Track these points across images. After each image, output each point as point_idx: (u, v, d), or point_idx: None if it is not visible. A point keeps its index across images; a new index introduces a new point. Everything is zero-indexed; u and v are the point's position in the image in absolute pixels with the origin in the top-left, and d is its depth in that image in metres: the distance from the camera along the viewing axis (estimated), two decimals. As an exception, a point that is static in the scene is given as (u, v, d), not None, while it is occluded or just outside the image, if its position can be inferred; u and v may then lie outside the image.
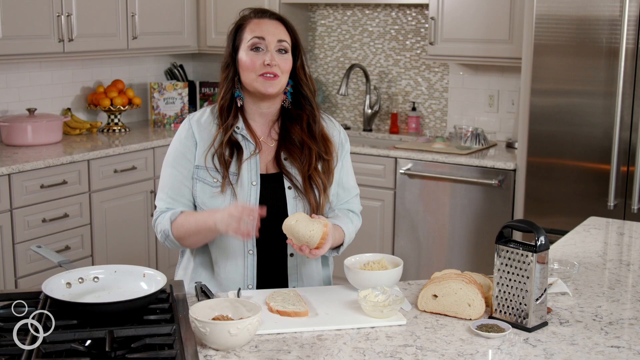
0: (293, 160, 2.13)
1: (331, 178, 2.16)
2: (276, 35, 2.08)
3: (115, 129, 4.58)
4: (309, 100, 2.16)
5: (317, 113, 2.17)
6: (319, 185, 2.12)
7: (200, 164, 2.10)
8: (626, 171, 3.48)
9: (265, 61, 2.05)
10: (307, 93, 2.15)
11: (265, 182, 2.11)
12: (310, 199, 2.10)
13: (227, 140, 2.09)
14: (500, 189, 3.90)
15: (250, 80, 2.08)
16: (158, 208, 2.14)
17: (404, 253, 4.17)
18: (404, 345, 1.66)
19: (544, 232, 1.75)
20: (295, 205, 2.11)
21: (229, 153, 2.09)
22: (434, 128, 4.74)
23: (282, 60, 2.07)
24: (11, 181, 3.55)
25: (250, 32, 2.08)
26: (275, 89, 2.08)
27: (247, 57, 2.07)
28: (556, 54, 3.57)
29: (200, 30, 4.96)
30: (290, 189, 2.11)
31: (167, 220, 2.08)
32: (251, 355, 1.60)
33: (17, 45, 3.85)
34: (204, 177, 2.09)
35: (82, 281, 1.81)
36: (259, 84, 2.06)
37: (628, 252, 2.46)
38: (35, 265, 3.67)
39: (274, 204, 2.10)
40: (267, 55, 2.05)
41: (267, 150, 2.15)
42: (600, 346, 1.66)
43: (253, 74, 2.06)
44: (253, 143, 2.12)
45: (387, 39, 4.83)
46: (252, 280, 2.12)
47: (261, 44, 2.06)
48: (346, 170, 2.25)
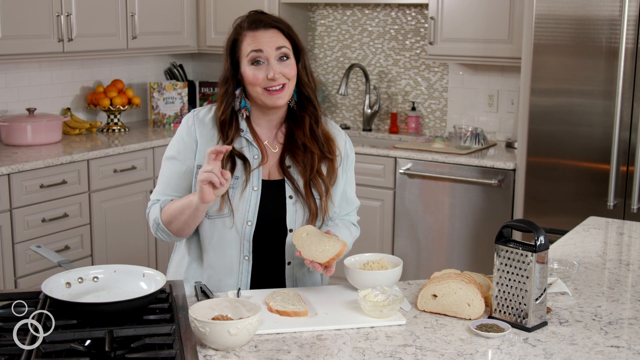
0: (297, 164, 2.11)
1: (334, 178, 2.15)
2: (274, 43, 2.03)
3: (115, 128, 4.58)
4: (311, 102, 2.14)
5: (319, 113, 2.15)
6: (320, 190, 2.10)
7: (201, 164, 2.08)
8: (626, 171, 3.48)
9: (269, 75, 2.02)
10: (310, 94, 2.13)
11: (267, 188, 2.09)
12: (311, 205, 2.09)
13: (228, 154, 2.05)
14: (500, 189, 3.90)
15: (256, 94, 2.06)
16: (151, 199, 2.13)
17: (403, 253, 4.17)
18: (404, 345, 1.66)
19: (543, 232, 1.75)
20: (295, 212, 2.09)
21: (230, 167, 2.05)
22: (434, 128, 4.74)
23: (286, 68, 2.04)
24: (11, 181, 3.55)
25: (248, 46, 2.04)
26: (284, 100, 2.06)
27: (250, 72, 2.04)
28: (556, 54, 3.57)
29: (200, 30, 4.96)
30: (291, 197, 2.09)
31: (158, 208, 2.07)
32: (251, 355, 1.60)
33: (16, 45, 3.85)
34: None
35: (82, 281, 1.81)
36: (266, 98, 2.04)
37: (628, 252, 2.46)
38: (34, 265, 3.67)
39: (273, 211, 2.09)
40: (270, 69, 2.02)
41: (271, 155, 2.13)
42: (599, 346, 1.66)
43: (258, 87, 2.04)
44: (257, 147, 2.09)
45: (387, 38, 4.83)
46: (245, 286, 2.10)
47: (260, 56, 2.03)
48: (350, 182, 2.24)
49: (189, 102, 5.04)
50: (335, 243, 1.94)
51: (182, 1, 4.83)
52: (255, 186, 2.07)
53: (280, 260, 2.12)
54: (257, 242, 2.08)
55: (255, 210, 2.06)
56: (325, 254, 1.92)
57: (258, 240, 2.08)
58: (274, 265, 2.13)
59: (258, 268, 2.11)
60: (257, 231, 2.08)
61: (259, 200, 2.07)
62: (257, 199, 2.07)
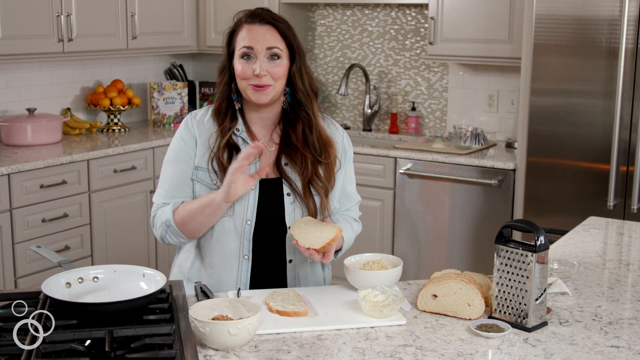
0: (294, 164, 2.11)
1: (333, 181, 2.14)
2: (266, 42, 2.03)
3: (115, 128, 4.58)
4: (304, 107, 2.11)
5: (313, 120, 2.12)
6: (319, 191, 2.10)
7: (200, 165, 2.09)
8: (626, 171, 3.48)
9: (255, 71, 2.02)
10: (303, 99, 2.10)
11: (264, 187, 2.09)
12: (309, 204, 2.09)
13: (225, 143, 2.07)
14: (500, 189, 3.90)
15: (243, 88, 2.06)
16: (155, 203, 2.13)
17: (403, 253, 4.17)
18: (404, 345, 1.66)
19: (543, 232, 1.75)
20: (294, 210, 2.09)
21: (227, 157, 2.06)
22: (434, 128, 4.74)
23: (274, 67, 2.03)
24: (11, 181, 3.55)
25: (241, 40, 2.05)
26: (267, 98, 2.05)
27: (239, 65, 2.05)
28: (556, 54, 3.57)
29: (200, 30, 4.96)
30: (289, 195, 2.09)
31: (169, 210, 2.07)
32: (251, 355, 1.60)
33: (16, 45, 3.85)
34: (202, 178, 2.08)
35: (82, 281, 1.81)
36: (251, 93, 2.05)
37: (628, 252, 2.46)
38: (34, 265, 3.67)
39: (272, 209, 2.09)
40: (257, 65, 2.02)
41: (268, 155, 2.13)
42: (599, 346, 1.66)
43: (245, 82, 2.05)
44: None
45: (387, 38, 4.83)
46: (245, 285, 2.10)
47: (250, 52, 2.03)
48: (349, 177, 2.24)
49: (189, 102, 5.04)
50: (331, 229, 1.95)
51: (182, 1, 4.83)
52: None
53: (281, 259, 2.12)
54: (257, 241, 2.09)
55: (254, 209, 2.07)
56: (320, 239, 1.93)
57: (257, 239, 2.09)
58: (274, 264, 2.13)
59: (258, 267, 2.11)
60: (256, 230, 2.08)
61: (257, 199, 2.07)
62: (255, 198, 2.07)
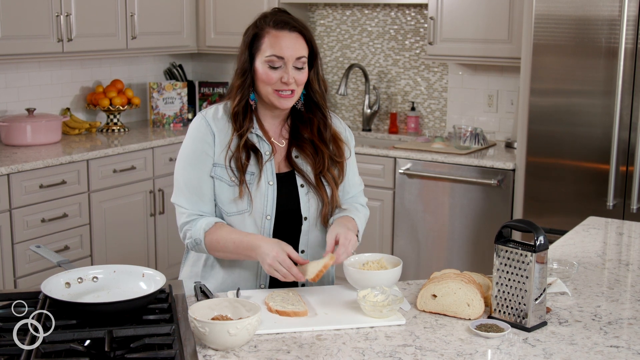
0: (305, 157, 2.14)
1: (342, 176, 2.19)
2: (295, 52, 2.04)
3: (115, 128, 4.58)
4: (320, 107, 2.17)
5: (328, 119, 2.18)
6: (331, 182, 2.14)
7: (218, 162, 2.09)
8: (625, 171, 3.48)
9: (283, 78, 2.03)
10: (319, 100, 2.16)
11: (280, 181, 2.12)
12: (323, 195, 2.12)
13: (243, 144, 2.08)
14: (500, 189, 3.90)
15: (265, 92, 2.07)
16: (184, 211, 2.10)
17: (403, 253, 4.17)
18: (403, 345, 1.66)
19: (543, 232, 1.75)
20: (308, 201, 2.12)
21: (245, 157, 2.08)
22: (433, 128, 4.74)
23: (300, 74, 2.06)
24: (10, 181, 3.55)
25: (269, 47, 2.04)
26: (291, 104, 2.10)
27: (264, 71, 2.05)
28: (555, 54, 3.57)
29: (200, 30, 4.96)
30: (302, 186, 2.13)
31: (201, 231, 2.05)
32: (250, 355, 1.60)
33: (16, 45, 3.85)
34: (221, 175, 2.08)
35: (82, 281, 1.81)
36: (275, 99, 2.06)
37: (627, 252, 2.46)
38: (34, 265, 3.67)
39: (287, 202, 2.11)
40: (285, 74, 2.04)
41: (279, 150, 2.16)
42: (599, 346, 1.66)
43: (269, 87, 2.06)
44: (267, 142, 2.12)
45: (387, 38, 4.83)
46: (264, 280, 2.13)
47: (280, 61, 2.04)
48: (352, 166, 2.27)
49: (188, 103, 5.04)
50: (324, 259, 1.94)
51: (182, 1, 4.82)
52: (270, 181, 2.10)
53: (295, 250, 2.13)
54: (275, 235, 2.10)
55: (274, 205, 2.09)
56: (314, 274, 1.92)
57: (276, 233, 2.11)
58: None
59: None
60: (275, 224, 2.10)
61: (275, 194, 2.09)
62: (274, 193, 2.10)
